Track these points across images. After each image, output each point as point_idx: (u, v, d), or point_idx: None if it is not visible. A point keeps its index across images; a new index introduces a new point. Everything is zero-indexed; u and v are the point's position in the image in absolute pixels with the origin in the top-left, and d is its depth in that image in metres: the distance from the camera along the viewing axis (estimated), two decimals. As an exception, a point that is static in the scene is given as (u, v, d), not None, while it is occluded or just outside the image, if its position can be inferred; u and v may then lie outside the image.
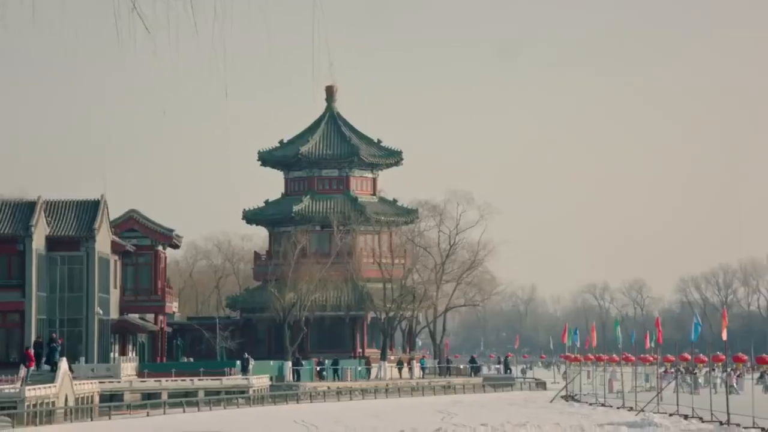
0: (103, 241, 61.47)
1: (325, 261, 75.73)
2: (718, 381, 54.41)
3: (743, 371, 75.14)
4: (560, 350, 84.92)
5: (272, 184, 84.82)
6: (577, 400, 57.70)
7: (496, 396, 66.65)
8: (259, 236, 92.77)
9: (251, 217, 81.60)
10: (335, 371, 69.41)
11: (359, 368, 71.10)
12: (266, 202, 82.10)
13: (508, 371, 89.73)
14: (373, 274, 77.48)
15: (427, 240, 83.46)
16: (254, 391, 57.28)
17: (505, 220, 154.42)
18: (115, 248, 64.14)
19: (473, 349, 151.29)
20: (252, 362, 62.48)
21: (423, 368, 76.02)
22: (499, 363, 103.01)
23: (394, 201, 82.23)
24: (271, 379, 62.99)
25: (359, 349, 76.90)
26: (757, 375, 69.67)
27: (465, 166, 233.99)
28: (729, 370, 68.60)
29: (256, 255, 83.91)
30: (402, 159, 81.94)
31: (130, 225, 68.14)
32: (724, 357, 55.13)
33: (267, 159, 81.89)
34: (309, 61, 19.54)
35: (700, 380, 60.99)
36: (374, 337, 78.92)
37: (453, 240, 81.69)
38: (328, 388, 64.20)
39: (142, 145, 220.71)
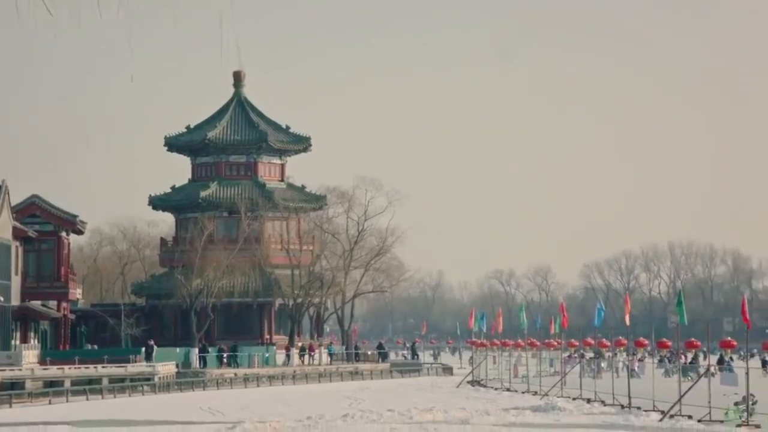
0: (4, 226, 60.23)
1: (233, 247, 75.28)
2: (620, 365, 55.42)
3: (644, 355, 76.72)
4: (467, 336, 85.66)
5: (179, 170, 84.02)
6: (483, 385, 58.34)
7: (403, 382, 67.03)
8: (165, 222, 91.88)
9: (157, 202, 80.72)
10: (242, 358, 69.08)
11: (266, 355, 70.88)
12: (173, 187, 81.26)
13: (416, 357, 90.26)
14: (281, 261, 77.24)
15: (335, 226, 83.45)
16: (160, 378, 56.71)
17: (413, 206, 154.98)
18: (17, 234, 62.87)
19: (381, 335, 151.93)
20: (155, 349, 61.92)
21: (330, 354, 76.05)
22: (406, 349, 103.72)
23: (303, 187, 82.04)
24: (177, 366, 62.45)
25: (267, 336, 76.67)
26: (657, 359, 71.12)
27: (373, 153, 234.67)
28: (631, 354, 69.98)
29: (163, 241, 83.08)
30: (310, 145, 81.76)
31: (33, 210, 66.78)
32: (626, 342, 56.31)
33: (174, 144, 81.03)
34: (217, 46, 19.37)
35: (603, 365, 62.06)
36: (282, 324, 78.73)
37: (361, 226, 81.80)
38: (235, 374, 63.86)
39: (45, 129, 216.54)
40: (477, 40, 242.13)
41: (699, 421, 31.68)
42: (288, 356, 72.13)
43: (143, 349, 61.67)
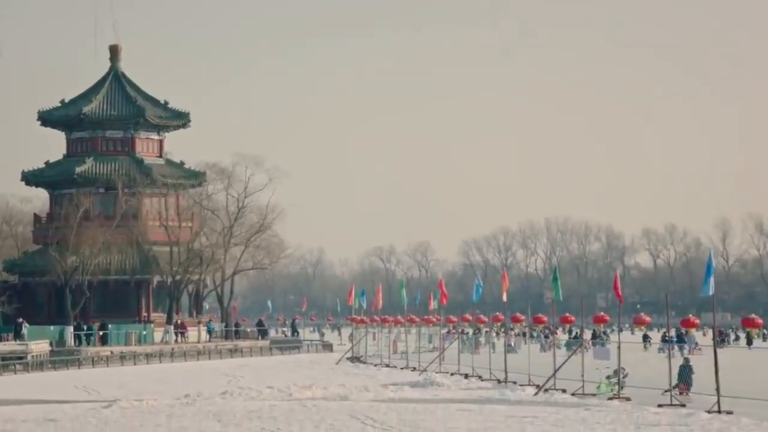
0: None
1: (110, 224, 73.97)
2: (497, 340, 56.24)
3: (521, 331, 78.03)
4: (347, 312, 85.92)
5: (53, 145, 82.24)
6: (363, 362, 58.63)
7: (283, 359, 66.93)
8: (39, 198, 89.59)
9: (31, 178, 78.69)
10: (119, 336, 68.01)
11: (144, 333, 69.94)
12: (47, 163, 79.36)
13: (296, 334, 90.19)
14: (160, 238, 76.16)
15: (215, 203, 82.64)
16: (33, 356, 55.48)
17: (294, 183, 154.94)
18: None
19: (261, 312, 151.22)
20: (26, 327, 60.52)
21: (210, 332, 75.41)
22: (286, 326, 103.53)
23: (182, 163, 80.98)
24: (51, 344, 61.18)
25: (144, 314, 75.60)
26: (534, 334, 72.44)
27: (254, 130, 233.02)
28: (508, 329, 71.00)
29: (36, 217, 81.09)
30: (189, 121, 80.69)
31: None
32: (503, 317, 57.19)
33: (47, 119, 79.06)
34: (92, 19, 18.88)
35: (481, 340, 62.95)
36: (160, 302, 77.72)
37: (241, 203, 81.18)
38: (111, 352, 62.86)
39: None
40: (346, 16, 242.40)
41: (573, 394, 32.39)
42: (166, 334, 71.33)
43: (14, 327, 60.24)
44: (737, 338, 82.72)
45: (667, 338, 50.36)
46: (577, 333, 66.80)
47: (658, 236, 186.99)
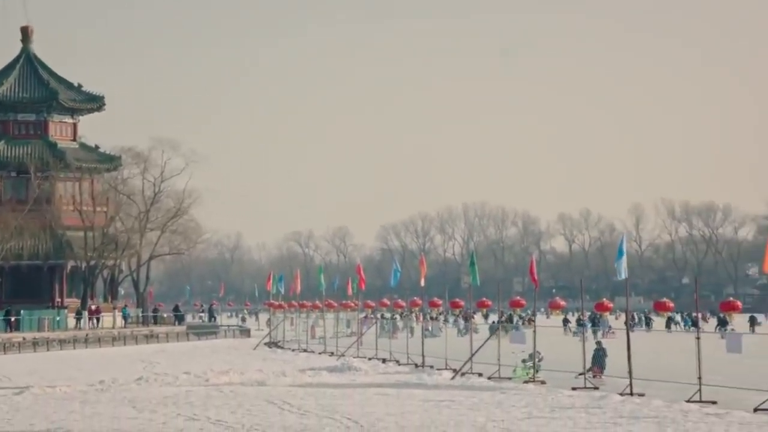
0: None
1: (22, 208, 72.67)
2: (415, 325, 56.50)
3: (438, 315, 78.55)
4: (265, 298, 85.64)
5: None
6: (281, 347, 58.49)
7: (200, 344, 66.47)
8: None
9: (-61, 161, 76.94)
10: (31, 321, 66.85)
11: (57, 318, 68.85)
12: (-44, 146, 77.68)
13: (213, 319, 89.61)
14: (74, 222, 75.01)
15: (130, 188, 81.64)
16: (-62, 343, 54.28)
17: (212, 168, 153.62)
18: None
19: (178, 297, 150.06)
20: None
21: (125, 317, 74.53)
22: (203, 311, 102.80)
23: (96, 147, 79.80)
24: (-41, 330, 59.93)
25: (58, 299, 74.45)
26: (452, 319, 72.95)
27: (170, 114, 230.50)
28: (426, 314, 71.41)
29: (-55, 201, 79.29)
30: (104, 104, 79.52)
31: None
32: (421, 302, 57.46)
33: (-44, 101, 77.31)
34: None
35: (399, 324, 63.19)
36: (74, 287, 76.60)
37: (158, 188, 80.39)
38: (24, 339, 61.72)
39: None
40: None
41: (489, 378, 32.68)
42: (79, 319, 70.32)
43: None
44: (649, 322, 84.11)
45: (581, 322, 51.09)
46: (509, 317, 67.36)
47: (573, 221, 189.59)
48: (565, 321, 71.18)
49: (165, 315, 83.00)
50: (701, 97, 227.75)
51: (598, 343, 34.58)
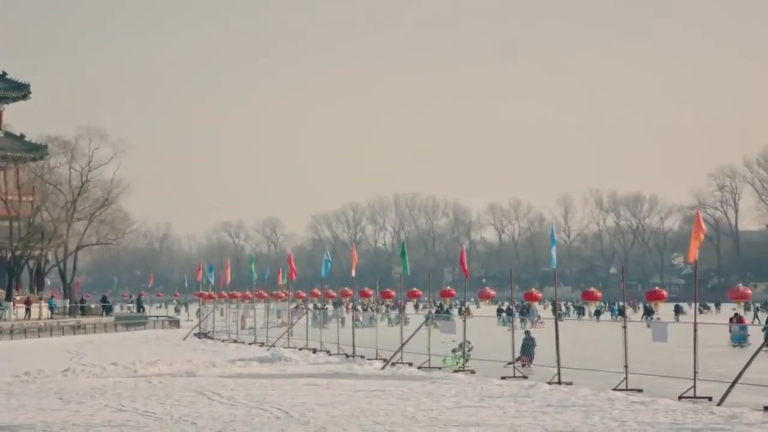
0: None
1: (-55, 197, 71.30)
2: (346, 315, 56.53)
3: (370, 306, 78.70)
4: (195, 288, 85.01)
5: None
6: (211, 337, 58.10)
7: (128, 335, 65.76)
8: None
9: None
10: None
11: (-18, 310, 67.66)
12: None
13: (142, 310, 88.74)
14: (-1, 212, 73.75)
15: (57, 177, 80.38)
16: None
17: (140, 157, 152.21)
18: None
19: (106, 288, 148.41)
20: None
21: (52, 308, 73.48)
22: (132, 302, 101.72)
23: (22, 136, 78.39)
24: None
25: (-18, 290, 73.18)
26: (383, 309, 73.17)
27: (98, 103, 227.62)
28: (358, 305, 71.45)
29: None
30: (29, 93, 78.05)
31: None
32: (352, 292, 57.53)
33: None
34: None
35: (329, 314, 63.18)
36: (-1, 277, 75.37)
37: (85, 177, 79.27)
38: (-53, 331, 60.60)
39: None
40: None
41: (419, 368, 32.79)
42: (4, 310, 69.18)
43: None
44: (581, 311, 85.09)
45: (510, 311, 51.49)
46: (441, 306, 67.63)
47: (503, 211, 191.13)
48: (500, 311, 71.71)
49: (92, 306, 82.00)
50: (628, 88, 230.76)
51: (527, 332, 34.89)
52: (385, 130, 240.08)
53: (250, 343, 50.54)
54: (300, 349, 43.51)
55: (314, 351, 42.64)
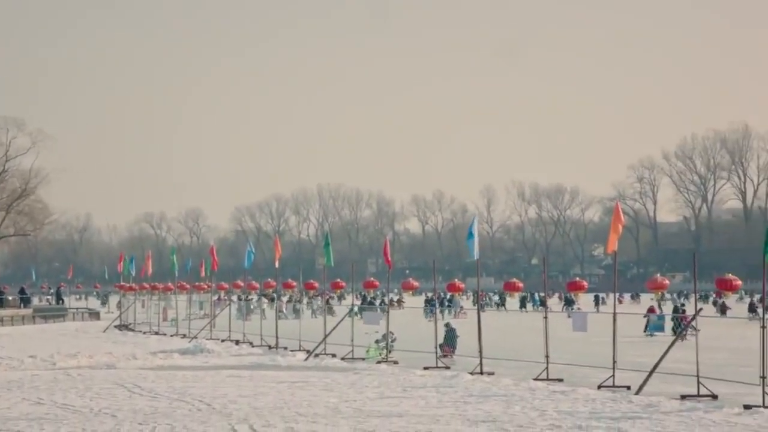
0: None
1: None
2: (266, 307, 56.27)
3: (293, 297, 78.43)
4: (115, 280, 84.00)
5: None
6: (131, 330, 57.49)
7: (47, 327, 64.72)
8: None
9: None
10: None
11: None
12: None
13: (61, 302, 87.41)
14: None
15: (-25, 167, 78.97)
16: None
17: (60, 147, 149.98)
18: None
19: (24, 279, 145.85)
20: None
21: (-33, 301, 72.04)
22: (50, 294, 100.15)
23: (-63, 124, 76.90)
24: None
25: None
26: (306, 300, 72.99)
27: (15, 91, 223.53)
28: (282, 296, 71.02)
29: None
30: (-55, 80, 76.61)
31: None
32: (275, 283, 57.30)
33: None
34: None
35: (252, 306, 62.88)
36: None
37: (2, 167, 77.90)
38: None
39: None
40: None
41: (342, 359, 32.81)
42: None
43: None
44: (503, 302, 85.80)
45: (432, 302, 51.82)
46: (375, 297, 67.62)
47: (426, 203, 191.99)
48: (428, 301, 72.12)
49: (10, 298, 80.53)
50: (549, 81, 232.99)
51: (447, 324, 35.01)
52: (309, 121, 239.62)
53: (171, 335, 50.10)
54: (223, 341, 43.25)
55: (237, 343, 42.42)
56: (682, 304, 57.19)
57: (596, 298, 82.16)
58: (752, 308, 59.86)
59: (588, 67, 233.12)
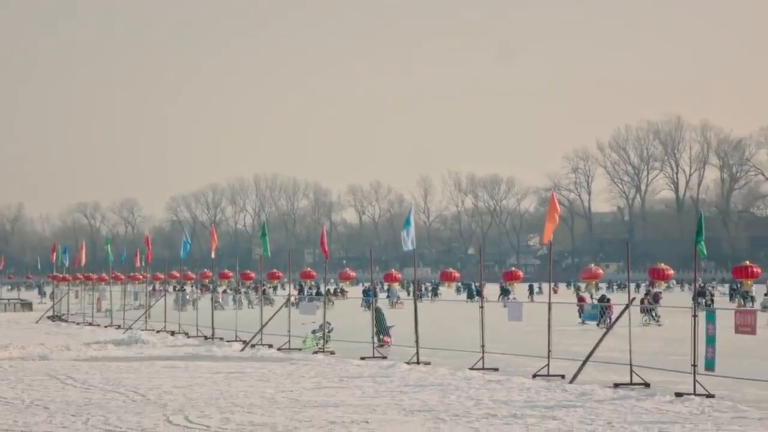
0: None
1: None
2: (197, 297, 55.88)
3: (228, 287, 78.06)
4: (48, 270, 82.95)
5: None
6: (65, 320, 56.85)
7: (-22, 319, 63.76)
8: None
9: None
10: None
11: None
12: None
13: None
14: None
15: None
16: None
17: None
18: None
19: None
20: None
21: None
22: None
23: None
24: None
25: None
26: (244, 290, 72.72)
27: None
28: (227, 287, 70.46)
29: None
30: None
31: None
32: (211, 274, 56.98)
33: None
34: None
35: (188, 297, 62.44)
36: None
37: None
38: None
39: None
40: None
41: (279, 349, 32.74)
42: None
43: None
44: (436, 291, 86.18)
45: (368, 292, 51.82)
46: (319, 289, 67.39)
47: (363, 193, 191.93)
48: (366, 292, 72.21)
49: (-60, 289, 79.22)
50: (485, 73, 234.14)
51: (377, 309, 34.65)
52: (245, 110, 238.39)
53: (106, 326, 49.62)
54: (158, 332, 42.94)
55: (173, 333, 42.15)
56: (607, 297, 57.29)
57: (530, 287, 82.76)
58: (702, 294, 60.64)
59: (523, 58, 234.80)
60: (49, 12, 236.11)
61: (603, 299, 48.88)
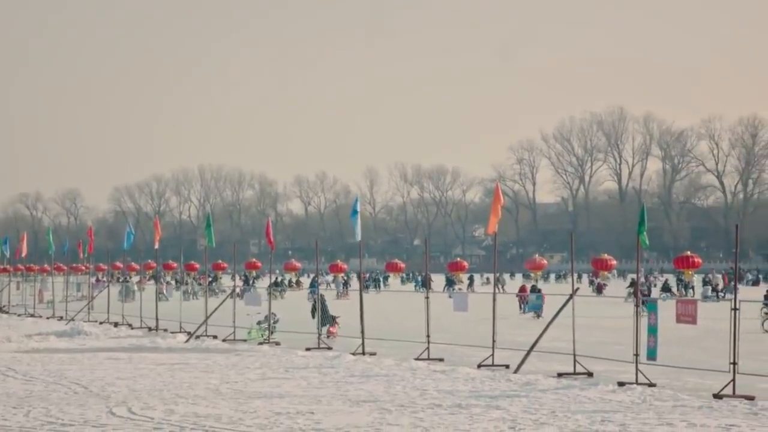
0: None
1: None
2: (136, 289, 55.38)
3: (173, 278, 77.63)
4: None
5: None
6: (6, 312, 56.13)
7: None
8: None
9: None
10: None
11: None
12: None
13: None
14: None
15: None
16: None
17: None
18: None
19: None
20: None
21: None
22: None
23: None
24: None
25: None
26: (189, 281, 72.28)
27: None
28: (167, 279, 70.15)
29: None
30: None
31: None
32: (155, 265, 56.59)
33: None
34: None
35: (134, 289, 61.96)
36: None
37: None
38: None
39: None
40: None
41: (224, 340, 32.61)
42: None
43: None
44: (378, 284, 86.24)
45: (314, 283, 51.77)
46: (296, 282, 67.10)
47: (309, 184, 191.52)
48: (312, 283, 72.19)
49: None
50: (431, 64, 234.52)
51: (318, 300, 34.47)
52: (190, 100, 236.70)
53: (48, 318, 49.06)
54: (101, 323, 42.55)
55: (116, 325, 41.79)
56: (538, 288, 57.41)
57: (470, 278, 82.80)
58: (667, 288, 61.36)
59: (468, 50, 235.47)
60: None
61: (534, 290, 49.00)
